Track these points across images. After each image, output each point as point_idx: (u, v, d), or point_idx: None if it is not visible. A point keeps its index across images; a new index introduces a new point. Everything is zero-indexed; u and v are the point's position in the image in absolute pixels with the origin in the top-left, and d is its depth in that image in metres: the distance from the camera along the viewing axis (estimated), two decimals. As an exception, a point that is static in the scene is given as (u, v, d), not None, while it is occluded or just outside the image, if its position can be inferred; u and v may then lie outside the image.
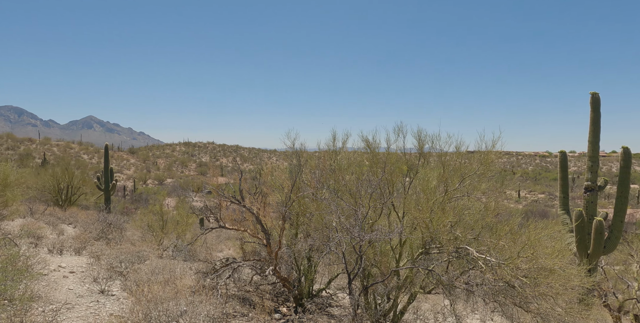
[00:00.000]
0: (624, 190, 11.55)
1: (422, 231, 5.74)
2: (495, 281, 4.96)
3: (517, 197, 65.76)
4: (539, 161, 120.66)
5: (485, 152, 6.03)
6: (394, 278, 6.86)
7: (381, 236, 5.18)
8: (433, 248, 5.81)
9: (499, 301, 5.14)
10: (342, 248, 5.37)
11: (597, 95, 12.21)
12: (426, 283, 6.17)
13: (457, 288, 5.47)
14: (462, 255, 5.41)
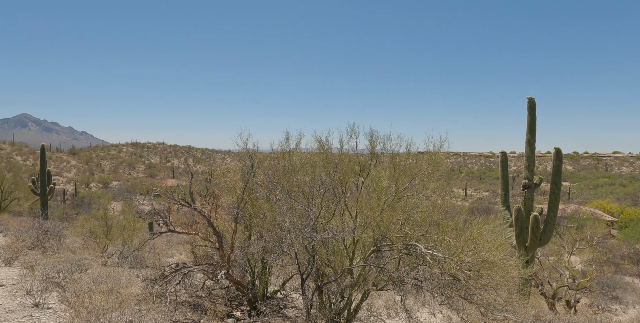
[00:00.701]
0: (557, 187, 12.57)
1: (374, 230, 5.88)
2: (441, 275, 5.19)
3: (464, 195, 69.47)
4: (483, 161, 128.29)
5: (433, 153, 6.30)
6: (348, 277, 6.96)
7: (332, 236, 5.24)
8: (384, 246, 5.97)
9: (445, 294, 5.39)
10: (294, 248, 5.36)
11: (533, 100, 13.18)
12: (378, 280, 6.32)
13: (407, 284, 5.66)
14: (411, 251, 5.61)
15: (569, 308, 13.12)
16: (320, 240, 5.38)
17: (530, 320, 9.46)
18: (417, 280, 5.27)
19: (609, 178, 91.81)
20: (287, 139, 8.54)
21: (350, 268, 5.89)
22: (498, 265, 5.10)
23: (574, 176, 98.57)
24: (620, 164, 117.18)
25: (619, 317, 14.34)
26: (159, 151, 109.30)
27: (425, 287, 5.22)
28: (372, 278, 6.88)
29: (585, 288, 13.35)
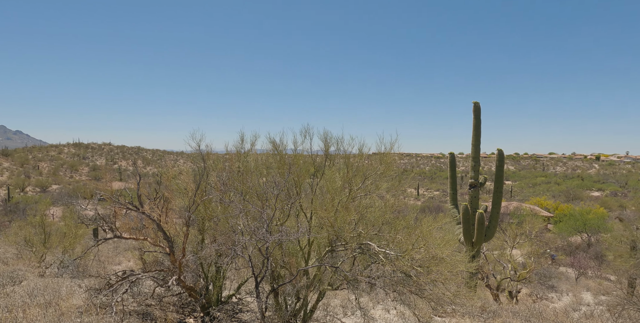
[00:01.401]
0: (499, 186, 13.41)
1: (328, 230, 5.94)
2: (394, 272, 5.35)
3: (417, 194, 72.13)
4: (434, 162, 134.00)
5: (384, 153, 6.49)
6: (304, 278, 6.97)
7: (286, 237, 5.22)
8: (339, 246, 6.05)
9: (398, 291, 5.56)
10: (248, 251, 5.28)
11: (477, 104, 13.97)
12: (334, 280, 6.39)
13: (362, 283, 5.78)
14: (365, 250, 5.73)
15: (511, 299, 14.03)
16: (274, 242, 5.34)
17: (477, 311, 10.01)
18: (371, 278, 5.40)
19: (546, 177, 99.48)
20: (242, 140, 8.41)
21: (305, 269, 5.91)
22: (446, 260, 5.35)
23: (515, 175, 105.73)
24: (555, 164, 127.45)
25: (555, 304, 15.55)
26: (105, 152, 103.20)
27: (378, 285, 5.36)
28: (327, 278, 6.94)
29: (525, 279, 14.34)
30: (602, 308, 14.08)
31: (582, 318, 10.08)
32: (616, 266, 17.85)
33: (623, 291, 16.40)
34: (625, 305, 12.32)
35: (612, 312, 12.48)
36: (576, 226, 32.30)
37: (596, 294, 17.78)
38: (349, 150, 6.71)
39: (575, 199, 58.18)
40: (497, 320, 9.33)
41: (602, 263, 24.01)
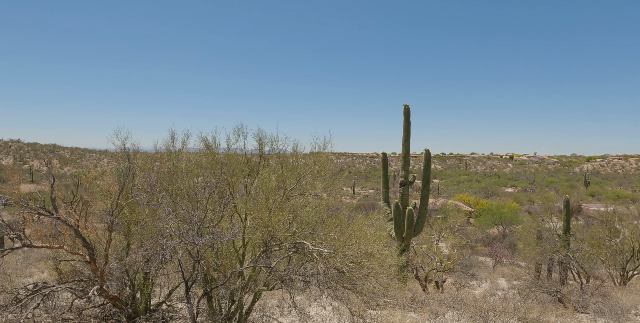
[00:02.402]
0: (427, 184, 14.31)
1: (263, 231, 5.91)
2: (327, 269, 5.49)
3: (352, 193, 74.28)
4: (369, 161, 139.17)
5: (319, 153, 6.61)
6: (238, 280, 6.86)
7: (217, 239, 5.10)
8: (274, 246, 6.05)
9: (332, 287, 5.71)
10: (178, 255, 5.07)
11: (407, 107, 14.76)
12: (269, 280, 6.37)
13: (296, 281, 5.83)
14: (299, 249, 5.80)
15: (437, 288, 15.06)
16: (205, 244, 5.19)
17: (407, 302, 10.60)
18: (305, 276, 5.48)
19: (468, 175, 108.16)
20: (173, 139, 8.03)
21: (238, 270, 5.82)
22: (377, 255, 5.61)
23: (442, 174, 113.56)
24: (476, 163, 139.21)
25: (475, 290, 17.00)
26: (12, 150, 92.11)
27: (312, 282, 5.46)
28: (263, 279, 6.90)
29: (450, 269, 15.49)
30: (514, 291, 15.69)
31: (497, 302, 11.13)
32: (525, 254, 20.00)
33: (531, 275, 18.41)
34: (532, 287, 13.86)
35: (522, 294, 13.97)
36: (493, 219, 35.61)
37: (510, 279, 19.76)
38: (284, 150, 6.74)
39: (493, 195, 64.04)
40: (425, 309, 9.96)
41: (514, 252, 26.73)
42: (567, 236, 17.21)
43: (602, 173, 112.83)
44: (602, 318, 9.86)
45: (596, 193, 66.25)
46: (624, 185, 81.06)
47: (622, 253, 16.66)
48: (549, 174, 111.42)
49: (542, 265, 18.39)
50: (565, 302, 11.98)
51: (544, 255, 17.64)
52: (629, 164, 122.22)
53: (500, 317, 8.34)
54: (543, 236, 18.59)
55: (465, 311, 9.45)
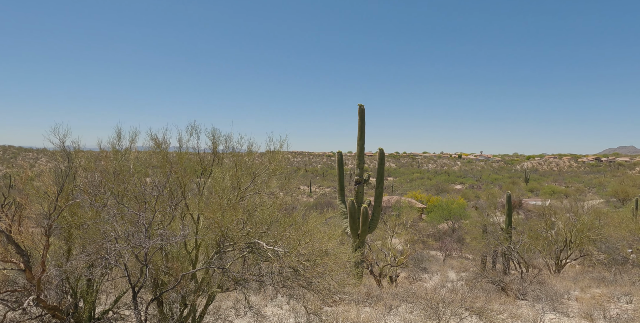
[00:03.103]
0: (380, 182, 14.69)
1: (215, 231, 5.78)
2: (282, 269, 5.48)
3: (309, 191, 74.62)
4: (326, 160, 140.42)
5: (274, 152, 6.57)
6: (191, 283, 6.65)
7: (167, 241, 4.92)
8: (227, 247, 5.94)
9: (287, 286, 5.70)
10: (124, 259, 4.82)
11: (362, 107, 15.05)
12: (223, 281, 6.24)
13: (251, 282, 5.76)
14: (254, 249, 5.74)
15: (391, 283, 15.53)
16: (154, 247, 4.98)
17: (363, 297, 10.84)
18: (260, 276, 5.43)
19: (421, 173, 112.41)
20: (119, 136, 7.61)
21: (189, 273, 5.64)
22: (331, 253, 5.68)
23: (396, 172, 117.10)
24: (428, 162, 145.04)
25: (427, 283, 17.72)
26: None
27: (267, 282, 5.42)
28: (217, 281, 6.75)
29: (403, 264, 16.03)
30: (462, 283, 16.56)
31: (447, 293, 11.69)
32: (472, 247, 21.18)
33: (477, 267, 19.52)
34: (478, 278, 14.71)
35: (469, 285, 14.78)
36: (443, 215, 37.31)
37: (459, 272, 20.81)
38: (239, 149, 6.62)
39: (443, 192, 67.06)
40: (379, 303, 10.23)
41: (463, 245, 28.18)
42: (509, 229, 18.42)
43: (540, 171, 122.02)
44: (539, 304, 10.66)
45: (535, 189, 71.48)
46: (559, 181, 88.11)
47: (557, 243, 18.13)
48: (493, 172, 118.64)
49: (487, 256, 19.57)
50: (508, 290, 12.83)
51: (489, 248, 18.78)
52: (562, 163, 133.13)
53: (449, 308, 8.76)
54: (488, 230, 19.78)
55: (417, 303, 9.83)
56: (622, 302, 11.30)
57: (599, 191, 68.88)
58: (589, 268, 19.06)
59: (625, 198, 47.80)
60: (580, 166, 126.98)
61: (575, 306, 10.73)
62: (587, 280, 14.59)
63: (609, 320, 9.30)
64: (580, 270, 18.93)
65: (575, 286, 13.52)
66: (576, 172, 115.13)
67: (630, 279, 14.62)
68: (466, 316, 8.82)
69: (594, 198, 57.40)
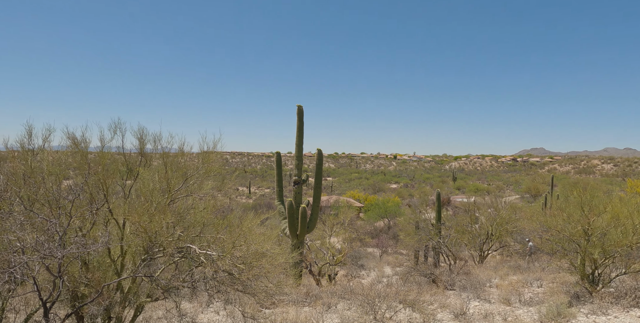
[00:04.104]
0: (319, 182, 14.84)
1: (142, 237, 5.41)
2: (216, 273, 5.27)
3: (249, 193, 73.20)
4: (265, 161, 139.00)
5: (208, 152, 6.31)
6: (116, 293, 6.16)
7: (83, 250, 4.50)
8: (157, 253, 5.58)
9: (222, 291, 5.50)
10: (34, 272, 4.31)
11: (301, 107, 15.08)
12: (152, 290, 5.86)
13: (183, 288, 5.48)
14: (186, 254, 5.46)
15: (330, 281, 15.75)
16: (70, 256, 4.51)
17: (302, 297, 10.85)
18: (193, 282, 5.17)
19: (359, 173, 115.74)
20: (30, 134, 6.81)
21: (112, 283, 5.22)
22: (267, 254, 5.59)
23: (335, 172, 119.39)
24: (365, 162, 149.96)
25: (364, 280, 18.25)
26: None
27: (201, 288, 5.18)
28: (146, 290, 6.32)
29: (341, 262, 16.34)
30: (397, 277, 17.30)
31: (383, 288, 12.12)
32: (406, 242, 22.22)
33: (411, 261, 20.52)
34: (411, 272, 15.46)
35: (403, 279, 15.48)
36: (380, 213, 38.77)
37: (394, 267, 21.72)
38: (169, 148, 6.26)
39: (380, 191, 69.67)
40: (318, 302, 10.31)
41: (397, 242, 29.47)
42: (438, 225, 19.63)
43: (466, 170, 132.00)
44: (465, 293, 11.47)
45: (462, 187, 77.06)
46: (482, 180, 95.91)
47: (480, 236, 19.68)
48: (425, 171, 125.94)
49: (420, 251, 20.68)
50: (438, 282, 13.65)
51: (421, 243, 19.85)
52: (485, 162, 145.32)
53: (384, 302, 9.08)
54: (420, 226, 20.90)
55: (354, 300, 10.06)
56: (534, 287, 12.57)
57: (515, 188, 76.21)
58: (507, 258, 20.97)
59: (536, 194, 53.41)
60: (500, 165, 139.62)
61: (496, 293, 11.71)
62: (505, 269, 16.02)
63: (523, 303, 10.28)
64: (500, 260, 20.75)
65: (496, 274, 14.77)
66: (496, 171, 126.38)
67: (541, 265, 16.34)
68: (400, 309, 9.21)
69: (511, 194, 63.40)
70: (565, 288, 11.37)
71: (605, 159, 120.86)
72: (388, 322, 8.80)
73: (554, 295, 10.81)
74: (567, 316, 8.48)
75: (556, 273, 13.45)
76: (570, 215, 10.45)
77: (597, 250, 9.89)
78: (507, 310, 9.52)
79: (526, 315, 9.21)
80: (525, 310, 9.60)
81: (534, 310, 9.42)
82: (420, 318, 8.89)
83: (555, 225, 10.74)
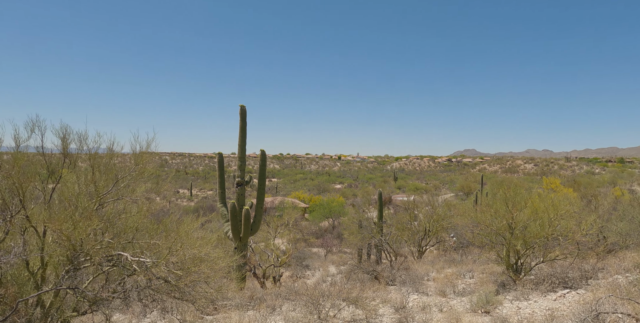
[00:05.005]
0: (262, 183, 14.65)
1: (65, 245, 4.94)
2: (150, 281, 4.97)
3: (190, 195, 70.29)
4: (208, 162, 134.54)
5: (140, 153, 5.93)
6: (36, 309, 5.57)
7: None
8: (83, 262, 5.13)
9: (157, 299, 5.20)
10: None
11: (244, 107, 14.79)
12: (78, 303, 5.38)
13: (113, 300, 5.09)
14: (117, 262, 5.08)
15: (275, 283, 15.60)
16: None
17: (246, 301, 10.61)
18: (122, 292, 4.82)
19: (304, 174, 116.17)
20: None
21: (29, 298, 4.71)
22: (206, 259, 5.38)
23: (280, 173, 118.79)
24: (310, 163, 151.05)
25: (309, 280, 18.33)
26: None
27: (133, 298, 4.85)
28: (72, 303, 5.79)
29: (286, 263, 16.26)
30: (341, 275, 17.60)
31: (327, 287, 12.25)
32: (350, 241, 22.71)
33: (354, 260, 21.00)
34: (355, 270, 15.82)
35: (347, 276, 15.79)
36: (324, 214, 39.22)
37: (338, 266, 22.06)
38: (96, 148, 5.78)
39: (324, 192, 70.49)
40: (262, 305, 10.15)
41: (342, 241, 30.01)
42: (380, 223, 20.31)
43: (406, 170, 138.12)
44: (405, 287, 11.97)
45: (402, 186, 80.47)
46: (421, 179, 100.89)
47: (419, 233, 20.68)
48: (368, 171, 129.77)
49: (363, 249, 21.23)
50: (380, 278, 14.10)
51: (364, 241, 20.40)
52: (423, 163, 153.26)
53: (328, 301, 9.18)
54: (363, 224, 21.48)
55: (299, 300, 10.06)
56: (467, 278, 13.46)
57: (450, 187, 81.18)
58: (443, 252, 22.25)
59: (469, 192, 57.30)
60: (437, 165, 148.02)
61: (433, 285, 12.36)
62: (441, 263, 16.98)
63: (457, 294, 10.95)
64: (437, 255, 21.97)
65: (433, 268, 15.60)
66: (434, 171, 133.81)
67: (472, 258, 17.55)
68: (344, 306, 9.37)
69: (446, 193, 67.45)
70: (493, 278, 12.31)
71: (527, 159, 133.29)
72: (332, 320, 8.91)
73: (484, 284, 11.66)
74: (494, 303, 9.17)
75: (486, 265, 14.51)
76: (497, 211, 11.34)
77: (520, 242, 10.83)
78: (442, 302, 10.09)
79: (459, 305, 9.82)
80: (459, 300, 10.23)
81: (466, 300, 10.07)
82: (363, 314, 9.11)
83: (484, 220, 11.60)
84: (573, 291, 9.88)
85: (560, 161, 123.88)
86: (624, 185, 50.19)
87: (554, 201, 11.31)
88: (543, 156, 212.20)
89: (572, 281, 10.44)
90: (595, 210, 16.33)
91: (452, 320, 8.18)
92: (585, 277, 10.75)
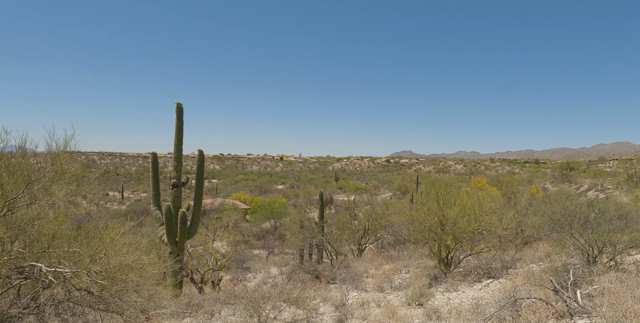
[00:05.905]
0: (200, 184, 14.09)
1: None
2: (69, 293, 4.51)
3: (121, 198, 65.58)
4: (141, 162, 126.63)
5: (58, 152, 5.37)
6: None
7: None
8: (-14, 275, 4.52)
9: (78, 313, 4.74)
10: None
11: (180, 105, 14.10)
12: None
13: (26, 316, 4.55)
14: (29, 274, 4.55)
15: (214, 287, 15.08)
16: None
17: (183, 308, 10.11)
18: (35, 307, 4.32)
19: (245, 174, 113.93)
20: None
21: None
22: (134, 266, 5.02)
23: (220, 174, 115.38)
24: (252, 163, 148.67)
25: (251, 282, 17.98)
26: None
27: (50, 313, 4.37)
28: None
29: (226, 266, 15.79)
30: (283, 277, 17.49)
31: (268, 289, 12.09)
32: (292, 242, 22.69)
33: (296, 260, 21.00)
34: (296, 270, 15.82)
35: (288, 277, 15.73)
36: (266, 215, 38.77)
37: (280, 267, 21.91)
38: (2, 147, 5.13)
39: (266, 192, 69.75)
40: (200, 311, 9.75)
41: (284, 242, 29.87)
42: (321, 223, 20.53)
43: (347, 170, 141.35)
44: (345, 285, 12.20)
45: (343, 186, 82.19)
46: (361, 179, 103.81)
47: (358, 231, 21.23)
48: (310, 172, 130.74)
49: (304, 249, 21.31)
50: (321, 277, 14.23)
51: (305, 241, 20.47)
52: (364, 163, 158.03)
53: (269, 302, 9.06)
54: (304, 225, 21.56)
55: (239, 304, 9.80)
56: (403, 273, 14.08)
57: (388, 186, 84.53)
58: (382, 250, 23.07)
59: (405, 191, 60.07)
60: (376, 166, 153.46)
61: (372, 282, 12.75)
62: (380, 259, 17.58)
63: (393, 289, 11.40)
64: (376, 252, 22.71)
65: (372, 265, 16.10)
66: (373, 171, 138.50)
67: (408, 253, 18.40)
68: (285, 307, 9.30)
69: (385, 192, 70.09)
70: (427, 272, 13.01)
71: (457, 160, 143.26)
72: (273, 322, 8.80)
73: (418, 278, 12.27)
74: (427, 296, 9.68)
75: (420, 260, 15.29)
76: (430, 209, 12.01)
77: (450, 237, 11.56)
78: (380, 297, 10.44)
79: (396, 299, 10.22)
80: (395, 295, 10.66)
81: (402, 294, 10.52)
82: (304, 314, 9.12)
83: (418, 218, 12.22)
84: (495, 280, 10.76)
85: (486, 161, 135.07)
86: (538, 184, 55.89)
87: (479, 198, 12.24)
88: (471, 157, 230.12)
89: (494, 272, 11.37)
90: (514, 206, 17.99)
91: (389, 314, 8.49)
92: (505, 267, 11.76)
